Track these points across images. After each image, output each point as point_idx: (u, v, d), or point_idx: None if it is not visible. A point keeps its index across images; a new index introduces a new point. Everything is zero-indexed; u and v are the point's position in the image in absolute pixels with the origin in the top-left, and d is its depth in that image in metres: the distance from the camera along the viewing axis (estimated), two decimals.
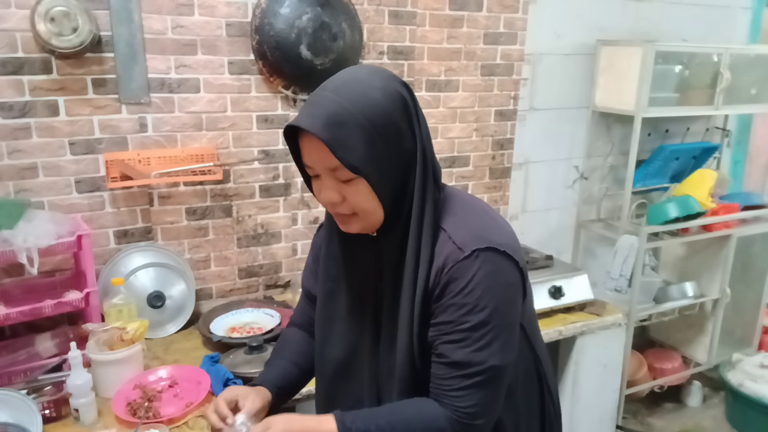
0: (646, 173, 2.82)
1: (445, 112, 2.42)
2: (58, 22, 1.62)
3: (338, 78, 0.94)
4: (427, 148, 0.96)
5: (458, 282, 0.93)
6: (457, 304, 0.93)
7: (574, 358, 2.23)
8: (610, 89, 2.62)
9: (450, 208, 0.99)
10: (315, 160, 0.93)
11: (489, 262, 0.92)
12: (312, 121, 0.88)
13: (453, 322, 0.94)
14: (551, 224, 2.83)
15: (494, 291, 0.93)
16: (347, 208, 0.96)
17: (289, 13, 1.96)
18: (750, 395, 2.73)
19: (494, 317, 0.93)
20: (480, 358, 0.93)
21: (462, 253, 0.92)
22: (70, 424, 1.48)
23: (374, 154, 0.90)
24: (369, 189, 0.92)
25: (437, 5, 2.27)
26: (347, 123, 0.88)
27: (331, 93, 0.90)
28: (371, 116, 0.89)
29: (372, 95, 0.90)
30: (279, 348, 1.24)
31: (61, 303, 1.64)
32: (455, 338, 0.94)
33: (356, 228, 0.99)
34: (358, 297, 1.07)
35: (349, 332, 1.08)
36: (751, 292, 3.03)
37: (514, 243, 0.98)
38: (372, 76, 0.93)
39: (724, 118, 3.06)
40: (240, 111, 2.04)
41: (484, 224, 0.97)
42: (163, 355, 1.83)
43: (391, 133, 0.91)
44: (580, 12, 2.60)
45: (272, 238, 2.20)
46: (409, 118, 0.94)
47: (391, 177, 0.93)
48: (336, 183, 0.93)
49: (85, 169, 1.87)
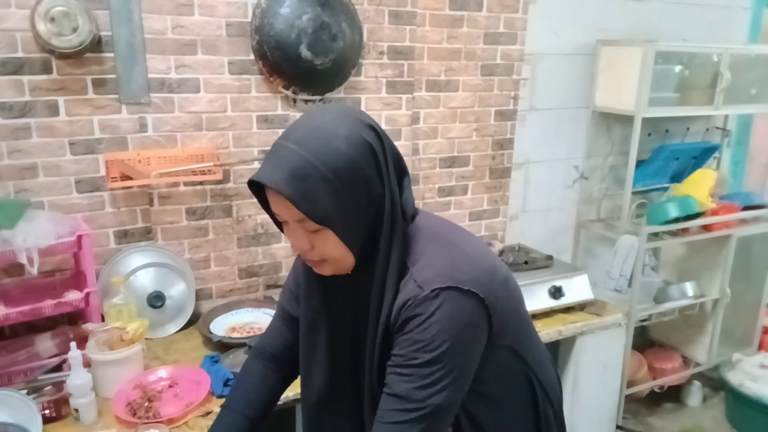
0: (646, 173, 2.82)
1: (445, 112, 2.42)
2: (58, 22, 1.62)
3: (301, 125, 0.92)
4: (394, 191, 0.95)
5: (416, 319, 0.92)
6: (411, 339, 0.93)
7: (574, 358, 2.23)
8: (610, 89, 2.61)
9: (419, 245, 0.98)
10: (281, 211, 0.92)
11: (449, 301, 0.91)
12: (274, 176, 0.87)
13: (404, 356, 0.94)
14: (551, 224, 2.83)
15: (450, 331, 0.91)
16: (317, 255, 0.96)
17: (289, 13, 1.96)
18: (750, 395, 2.73)
19: (445, 357, 0.92)
20: (421, 395, 0.92)
21: (422, 291, 0.92)
22: (70, 424, 1.48)
23: (340, 205, 0.89)
24: (336, 238, 0.92)
25: (437, 5, 2.27)
26: (310, 176, 0.87)
27: (293, 144, 0.89)
28: (335, 168, 0.87)
29: (336, 145, 0.88)
30: (235, 391, 1.22)
31: (61, 303, 1.64)
32: (402, 372, 0.94)
33: (328, 271, 1.00)
34: (337, 329, 1.07)
35: (331, 361, 1.09)
36: (751, 292, 3.03)
37: (482, 277, 0.95)
38: (337, 123, 0.91)
39: (724, 118, 3.06)
40: (240, 111, 2.04)
41: (451, 261, 0.95)
42: (163, 355, 1.83)
43: (357, 183, 0.90)
44: (580, 12, 2.60)
45: (272, 238, 2.20)
46: (377, 164, 0.92)
47: (358, 224, 0.93)
48: (304, 232, 0.93)
49: (85, 169, 1.87)
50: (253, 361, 1.25)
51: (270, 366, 1.23)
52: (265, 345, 1.25)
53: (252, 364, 1.25)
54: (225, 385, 1.61)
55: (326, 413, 1.12)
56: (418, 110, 2.36)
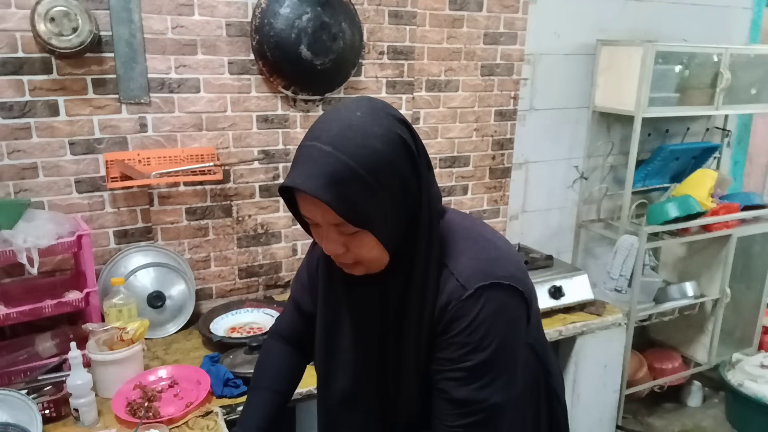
0: (646, 173, 2.82)
1: (445, 112, 2.42)
2: (58, 22, 1.62)
3: (332, 125, 0.86)
4: (430, 187, 0.93)
5: (461, 320, 0.90)
6: (460, 342, 0.91)
7: (574, 358, 2.23)
8: (610, 89, 2.61)
9: (452, 241, 0.96)
10: (315, 215, 0.88)
11: (492, 299, 0.90)
12: (311, 181, 0.82)
13: (455, 359, 0.92)
14: (551, 224, 2.83)
15: (497, 329, 0.91)
16: (351, 258, 0.93)
17: (289, 13, 1.96)
18: (750, 395, 2.73)
19: (496, 356, 0.91)
20: (482, 396, 0.91)
21: (465, 291, 0.90)
22: (70, 424, 1.48)
23: (378, 206, 0.86)
24: (374, 240, 0.89)
25: (437, 5, 2.27)
26: (349, 179, 0.83)
27: (326, 146, 0.84)
28: (373, 169, 0.84)
29: (372, 145, 0.84)
30: (261, 371, 1.21)
31: (61, 303, 1.64)
32: (456, 376, 0.92)
33: (360, 272, 0.96)
34: (362, 329, 1.04)
35: (354, 364, 1.06)
36: (751, 292, 3.03)
37: (518, 271, 0.95)
38: (369, 121, 0.86)
39: (724, 118, 3.06)
40: (240, 111, 2.04)
41: (487, 256, 0.94)
42: (163, 355, 1.83)
43: (395, 182, 0.87)
44: (580, 12, 2.60)
45: (272, 238, 2.20)
46: (412, 160, 0.89)
47: (396, 224, 0.90)
48: (339, 235, 0.90)
49: (85, 169, 1.87)
50: (272, 342, 1.26)
51: (288, 345, 1.24)
52: (280, 329, 1.26)
53: (271, 344, 1.26)
54: (225, 385, 1.61)
55: (348, 413, 1.10)
56: (418, 110, 2.36)
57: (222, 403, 1.58)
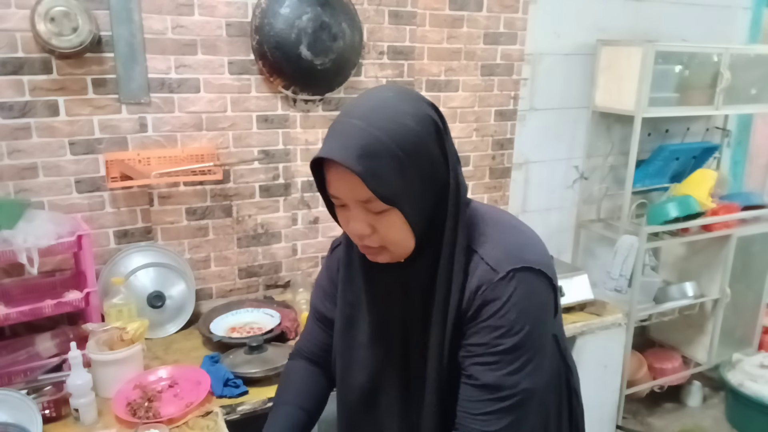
0: (646, 173, 2.82)
1: (445, 112, 2.37)
2: (58, 22, 1.62)
3: (364, 103, 0.88)
4: (458, 170, 0.93)
5: (493, 304, 0.90)
6: (491, 326, 0.90)
7: (574, 358, 2.22)
8: (610, 89, 2.61)
9: (480, 228, 0.95)
10: (345, 192, 0.88)
11: (524, 282, 0.90)
12: (343, 152, 0.82)
13: (486, 344, 0.91)
14: (551, 224, 2.83)
15: (529, 312, 0.90)
16: (377, 241, 0.91)
17: (289, 13, 1.96)
18: (750, 395, 2.73)
19: (528, 340, 0.90)
20: (512, 381, 0.90)
21: (496, 274, 0.89)
22: (70, 424, 1.48)
23: (408, 184, 0.85)
24: (402, 220, 0.88)
25: (437, 5, 2.27)
26: (380, 153, 0.83)
27: (359, 121, 0.84)
28: (404, 145, 0.84)
29: (404, 121, 0.85)
30: (284, 388, 1.17)
31: (61, 303, 1.64)
32: (487, 360, 0.91)
33: (385, 259, 0.95)
34: (382, 323, 1.02)
35: (372, 360, 1.03)
36: (751, 292, 3.03)
37: (547, 258, 0.95)
38: (400, 100, 0.88)
39: (724, 118, 3.06)
40: (240, 111, 2.04)
41: (517, 242, 0.94)
42: (163, 355, 1.83)
43: (424, 161, 0.87)
44: (580, 12, 2.60)
45: (272, 238, 2.20)
46: (441, 143, 0.90)
47: (424, 206, 0.89)
48: (366, 215, 0.89)
49: (85, 169, 1.87)
50: (294, 362, 1.20)
51: (312, 365, 1.19)
52: (302, 349, 1.20)
53: (294, 364, 1.20)
54: (225, 385, 1.61)
55: (367, 410, 1.07)
56: None
57: (222, 403, 1.58)
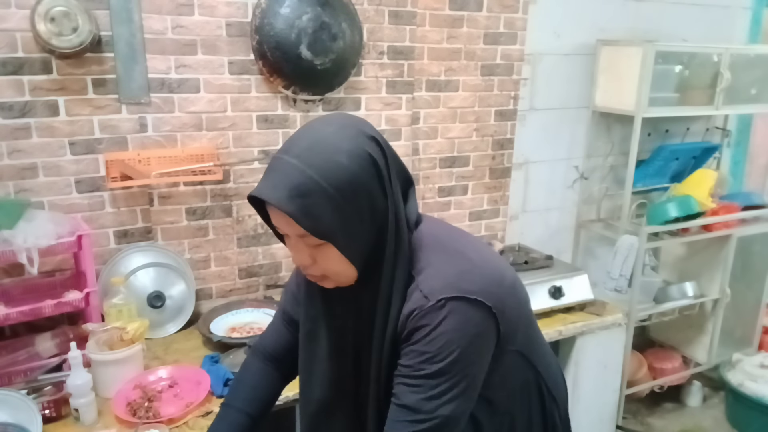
0: (646, 173, 2.82)
1: (445, 112, 2.42)
2: (58, 22, 1.62)
3: (302, 139, 0.90)
4: (398, 204, 0.94)
5: (422, 330, 0.91)
6: (418, 350, 0.92)
7: (574, 358, 2.23)
8: (610, 89, 2.61)
9: (424, 255, 0.96)
10: (282, 226, 0.92)
11: (456, 311, 0.90)
12: (276, 193, 0.86)
13: (411, 366, 0.93)
14: (551, 224, 2.83)
15: (458, 342, 0.91)
16: (318, 270, 0.95)
17: (289, 13, 1.96)
18: (750, 395, 2.73)
19: (453, 368, 0.91)
20: (430, 406, 0.92)
21: (428, 301, 0.91)
22: (70, 424, 1.48)
23: (342, 220, 0.88)
24: (338, 253, 0.91)
25: (437, 5, 2.27)
26: (312, 192, 0.85)
27: (294, 159, 0.87)
28: (337, 183, 0.86)
29: (338, 160, 0.87)
30: (236, 388, 1.21)
31: (61, 303, 1.64)
32: (410, 382, 0.93)
33: (330, 285, 0.99)
34: (339, 339, 1.06)
35: (330, 373, 1.07)
36: (751, 292, 3.03)
37: (491, 285, 0.95)
38: (338, 138, 0.89)
39: (724, 118, 3.06)
40: (240, 111, 2.04)
41: (457, 270, 0.94)
42: (163, 355, 1.83)
43: (360, 197, 0.89)
44: (580, 12, 2.60)
45: (272, 238, 2.20)
46: (380, 177, 0.91)
47: (361, 239, 0.92)
48: (306, 247, 0.92)
49: (85, 169, 1.87)
50: (253, 360, 1.24)
51: (270, 365, 1.23)
52: (265, 345, 1.24)
53: (251, 363, 1.24)
54: (225, 385, 1.61)
55: (325, 424, 1.11)
56: (418, 110, 2.36)
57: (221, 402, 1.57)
